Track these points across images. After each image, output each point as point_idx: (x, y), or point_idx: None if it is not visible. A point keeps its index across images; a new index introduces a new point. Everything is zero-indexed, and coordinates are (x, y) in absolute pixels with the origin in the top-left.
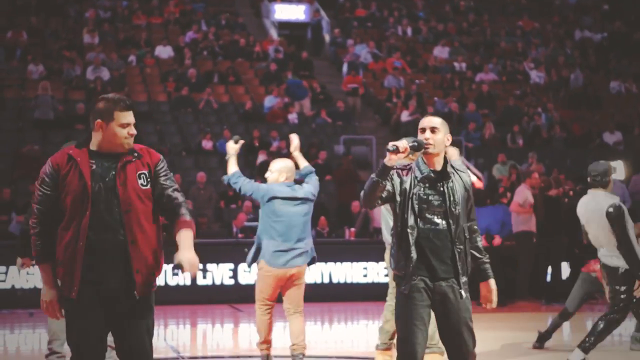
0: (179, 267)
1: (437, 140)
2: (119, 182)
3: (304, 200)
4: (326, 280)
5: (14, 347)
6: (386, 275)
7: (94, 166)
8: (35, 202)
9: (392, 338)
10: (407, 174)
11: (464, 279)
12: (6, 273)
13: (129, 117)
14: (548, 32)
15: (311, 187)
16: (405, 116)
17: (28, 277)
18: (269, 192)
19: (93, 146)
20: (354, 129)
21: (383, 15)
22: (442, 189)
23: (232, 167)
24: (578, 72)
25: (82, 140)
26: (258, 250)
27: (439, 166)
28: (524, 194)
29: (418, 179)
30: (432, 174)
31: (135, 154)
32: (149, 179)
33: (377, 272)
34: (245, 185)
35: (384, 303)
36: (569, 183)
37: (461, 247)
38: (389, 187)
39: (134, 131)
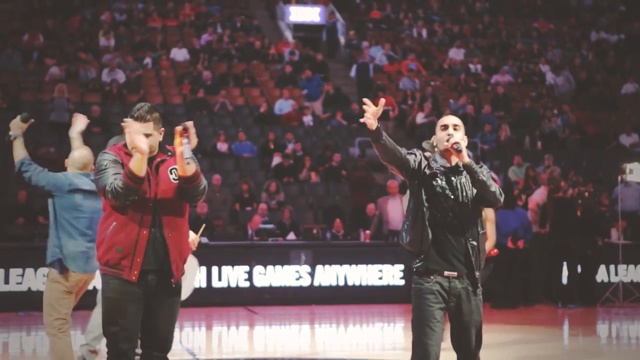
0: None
1: (460, 137)
2: (153, 181)
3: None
4: (341, 283)
5: (31, 349)
6: (401, 278)
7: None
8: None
9: None
10: (426, 166)
11: (477, 274)
12: (22, 275)
13: None
14: (564, 34)
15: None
16: (420, 118)
17: (45, 279)
18: (70, 183)
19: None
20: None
21: (398, 17)
22: (455, 183)
23: (21, 151)
24: (584, 73)
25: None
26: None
27: (453, 162)
28: (543, 195)
29: (438, 172)
30: (448, 169)
31: (169, 153)
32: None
33: (392, 274)
34: (38, 174)
35: (399, 305)
36: (587, 185)
37: (474, 242)
38: (412, 162)
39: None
